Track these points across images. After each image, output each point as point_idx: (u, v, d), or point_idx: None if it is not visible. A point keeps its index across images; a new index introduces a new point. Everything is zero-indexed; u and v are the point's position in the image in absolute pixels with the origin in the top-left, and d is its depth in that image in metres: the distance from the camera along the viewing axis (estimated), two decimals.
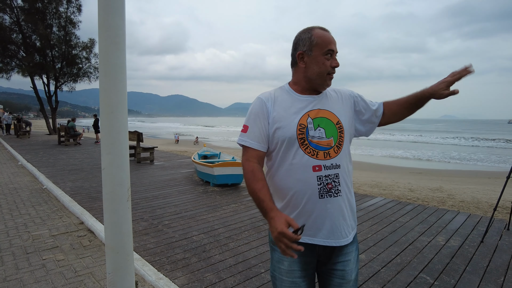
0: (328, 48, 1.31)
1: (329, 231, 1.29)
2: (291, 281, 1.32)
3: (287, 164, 1.30)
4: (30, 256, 3.22)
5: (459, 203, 6.14)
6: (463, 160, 20.58)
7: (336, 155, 1.30)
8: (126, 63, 2.08)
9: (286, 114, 1.32)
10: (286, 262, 1.33)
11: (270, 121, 1.33)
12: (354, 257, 1.38)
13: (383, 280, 2.75)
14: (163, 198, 5.42)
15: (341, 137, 1.33)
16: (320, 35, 1.32)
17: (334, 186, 1.28)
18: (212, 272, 2.84)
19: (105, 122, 2.01)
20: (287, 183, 1.31)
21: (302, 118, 1.31)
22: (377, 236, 3.78)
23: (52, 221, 4.31)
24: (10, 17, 19.41)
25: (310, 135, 1.30)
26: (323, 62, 1.31)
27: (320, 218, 1.29)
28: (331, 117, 1.34)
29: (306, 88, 1.38)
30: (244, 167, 1.33)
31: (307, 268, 1.35)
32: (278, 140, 1.31)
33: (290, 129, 1.30)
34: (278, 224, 1.11)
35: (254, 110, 1.36)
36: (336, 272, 1.35)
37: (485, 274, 2.88)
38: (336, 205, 1.29)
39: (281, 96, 1.38)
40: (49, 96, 22.12)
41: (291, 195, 1.30)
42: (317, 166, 1.27)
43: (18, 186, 6.46)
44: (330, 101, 1.39)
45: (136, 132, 9.78)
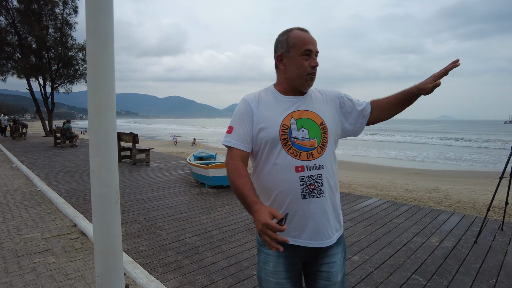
0: (305, 48, 1.31)
1: (312, 232, 1.29)
2: (276, 281, 1.32)
3: (271, 164, 1.31)
4: (20, 260, 3.19)
5: (456, 204, 6.15)
6: (460, 160, 20.66)
7: (319, 156, 1.30)
8: (114, 64, 2.07)
9: (269, 115, 1.33)
10: (271, 263, 1.33)
11: (254, 122, 1.34)
12: (340, 259, 1.38)
13: (375, 282, 2.74)
14: (157, 200, 5.39)
15: (325, 138, 1.33)
16: (297, 35, 1.33)
17: (317, 186, 1.28)
18: (204, 274, 2.82)
19: (93, 124, 1.99)
20: (271, 183, 1.32)
21: (286, 119, 1.32)
22: (371, 237, 3.77)
23: (45, 224, 4.27)
24: (6, 18, 19.34)
25: (293, 135, 1.30)
26: (301, 63, 1.31)
27: (304, 219, 1.29)
28: (315, 118, 1.34)
29: (289, 89, 1.39)
30: (227, 165, 1.33)
31: (292, 270, 1.35)
32: (262, 141, 1.32)
33: (273, 129, 1.30)
34: (262, 216, 1.09)
35: (238, 112, 1.38)
36: (321, 273, 1.35)
37: (477, 275, 2.88)
38: (319, 206, 1.29)
39: (265, 97, 1.39)
40: (45, 97, 22.02)
41: (275, 195, 1.31)
42: (299, 167, 1.27)
43: (11, 188, 6.41)
44: (315, 102, 1.39)
45: (132, 134, 9.75)
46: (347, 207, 5.07)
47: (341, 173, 11.51)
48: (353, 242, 3.62)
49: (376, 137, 42.73)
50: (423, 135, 51.52)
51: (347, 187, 7.59)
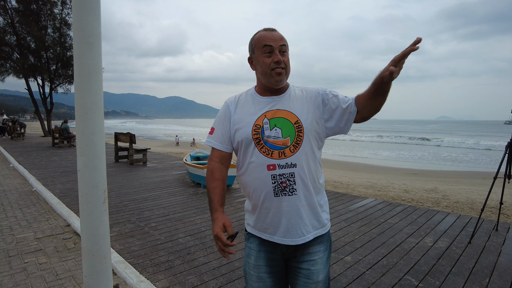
0: (264, 44, 1.34)
1: (285, 229, 1.33)
2: (257, 276, 1.38)
3: (247, 163, 1.37)
4: (12, 260, 3.17)
5: (454, 204, 6.14)
6: (458, 161, 20.65)
7: (292, 154, 1.31)
8: (101, 63, 2.05)
9: (244, 116, 1.39)
10: (253, 257, 1.40)
11: (231, 123, 1.42)
12: (322, 258, 1.38)
13: (367, 282, 2.73)
14: (152, 200, 5.38)
15: (299, 137, 1.33)
16: (258, 36, 1.37)
17: (289, 185, 1.31)
18: (195, 274, 2.81)
19: (80, 124, 1.98)
20: (248, 181, 1.38)
21: (259, 119, 1.36)
22: (364, 238, 3.76)
23: (38, 224, 4.26)
24: (4, 18, 19.32)
25: (265, 135, 1.34)
26: (263, 60, 1.34)
27: (277, 217, 1.33)
28: (289, 116, 1.35)
29: (264, 90, 1.43)
30: (207, 166, 1.46)
31: (273, 265, 1.39)
32: (238, 141, 1.39)
33: (246, 129, 1.36)
34: (216, 227, 1.29)
35: (219, 114, 1.48)
36: (301, 271, 1.36)
37: (470, 275, 2.87)
38: (291, 204, 1.32)
39: (245, 98, 1.45)
40: (44, 98, 22.00)
41: (251, 192, 1.37)
42: (271, 165, 1.31)
43: (7, 188, 6.40)
44: (292, 100, 1.39)
45: (129, 134, 9.74)
46: (342, 207, 5.06)
47: (339, 174, 11.50)
48: (346, 243, 3.60)
49: (375, 138, 42.75)
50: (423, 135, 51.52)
51: (345, 187, 7.59)
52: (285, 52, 1.35)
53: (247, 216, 1.48)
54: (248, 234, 1.46)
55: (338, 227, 4.13)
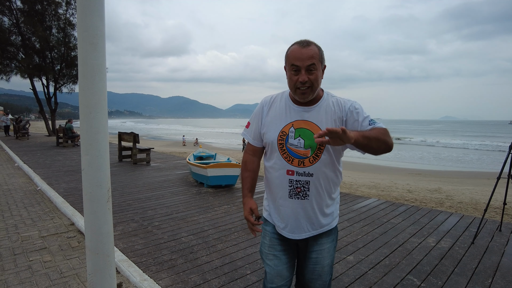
0: (292, 63, 1.38)
1: (293, 227, 1.50)
2: (272, 254, 1.55)
3: (272, 162, 1.52)
4: (17, 258, 3.21)
5: (457, 204, 6.12)
6: (462, 161, 20.53)
7: (310, 165, 1.43)
8: (105, 63, 2.08)
9: (274, 121, 1.49)
10: (268, 238, 1.59)
11: (262, 124, 1.55)
12: (329, 248, 1.57)
13: (369, 282, 2.73)
14: (156, 199, 5.41)
15: (320, 150, 1.42)
16: (292, 50, 1.40)
17: (303, 191, 1.44)
18: (198, 273, 2.83)
19: (84, 123, 2.01)
20: (270, 178, 1.54)
21: (286, 127, 1.46)
22: (367, 238, 3.76)
23: (43, 222, 4.30)
24: (10, 19, 19.47)
25: (289, 142, 1.45)
26: (290, 77, 1.41)
27: (287, 214, 1.50)
28: (315, 130, 1.42)
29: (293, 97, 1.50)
30: (243, 157, 1.67)
31: (286, 244, 1.56)
32: (265, 142, 1.54)
33: (273, 134, 1.48)
34: (245, 210, 1.58)
35: (255, 111, 1.61)
36: (311, 259, 1.56)
37: (473, 276, 2.86)
38: (302, 207, 1.47)
39: (279, 102, 1.53)
40: (48, 97, 22.16)
41: (272, 188, 1.54)
42: (290, 171, 1.44)
43: (12, 187, 6.46)
44: (321, 113, 1.44)
45: (133, 134, 9.79)
46: (345, 207, 5.06)
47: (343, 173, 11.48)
48: (348, 242, 3.60)
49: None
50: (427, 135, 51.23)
51: (348, 187, 7.58)
52: (314, 70, 1.36)
53: (265, 205, 1.65)
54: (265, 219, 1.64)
55: (340, 226, 4.13)
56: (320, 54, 1.39)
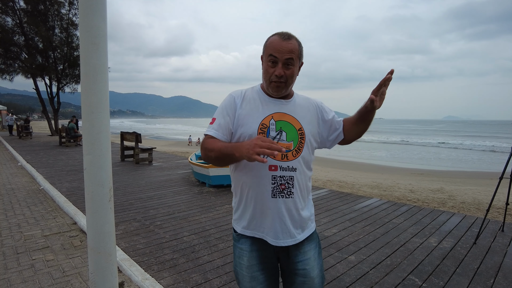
0: (270, 53, 1.30)
1: (277, 231, 1.34)
2: (250, 276, 1.38)
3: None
4: (20, 256, 3.23)
5: (460, 204, 6.10)
6: (464, 161, 20.44)
7: (294, 159, 1.34)
8: (107, 63, 2.09)
9: (251, 113, 1.37)
10: (245, 258, 1.39)
11: (236, 117, 1.38)
12: (314, 254, 1.42)
13: (370, 282, 2.73)
14: (158, 199, 5.42)
15: (301, 143, 1.36)
16: (272, 40, 1.32)
17: (287, 187, 1.32)
18: (199, 272, 2.84)
19: (86, 123, 2.02)
20: (245, 178, 1.36)
21: (266, 119, 1.35)
22: (368, 238, 3.75)
23: (45, 222, 4.32)
24: (13, 19, 19.57)
25: (270, 135, 1.34)
26: (266, 68, 1.33)
27: (270, 217, 1.33)
28: (294, 123, 1.38)
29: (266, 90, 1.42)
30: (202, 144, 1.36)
31: (266, 262, 1.40)
32: (241, 135, 1.35)
33: (252, 126, 1.34)
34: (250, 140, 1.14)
35: (223, 104, 1.41)
36: (298, 271, 1.39)
37: (474, 276, 2.86)
38: (286, 206, 1.34)
39: (251, 95, 1.42)
40: (51, 97, 22.26)
41: (247, 190, 1.36)
42: (273, 166, 1.32)
43: (15, 186, 6.50)
44: (297, 108, 1.41)
45: (135, 133, 9.81)
46: (346, 207, 5.06)
47: (344, 173, 11.47)
48: (350, 242, 3.60)
49: (381, 138, 42.48)
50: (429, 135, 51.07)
51: (350, 187, 7.57)
52: (291, 65, 1.30)
53: (236, 217, 1.45)
54: (238, 236, 1.43)
55: (342, 226, 4.13)
56: (300, 50, 1.34)
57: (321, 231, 3.92)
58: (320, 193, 6.05)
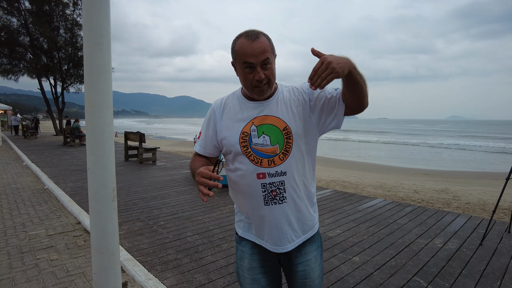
0: (244, 60, 1.21)
1: (276, 238, 1.31)
2: (252, 278, 1.37)
3: (236, 169, 1.32)
4: (24, 256, 3.24)
5: (465, 205, 6.05)
6: (469, 161, 20.28)
7: (281, 162, 1.27)
8: (111, 63, 2.08)
9: (231, 123, 1.33)
10: (247, 260, 1.39)
11: (218, 130, 1.36)
12: (316, 256, 1.40)
13: (375, 283, 2.71)
14: (161, 198, 5.43)
15: (288, 143, 1.28)
16: (240, 46, 1.22)
17: (279, 193, 1.28)
18: (203, 273, 2.83)
19: (89, 123, 2.02)
20: (238, 188, 1.34)
21: (246, 126, 1.30)
22: (373, 238, 3.73)
23: (50, 221, 4.34)
24: (18, 19, 19.72)
25: (253, 142, 1.28)
26: (244, 76, 1.24)
27: (267, 225, 1.31)
28: (278, 123, 1.29)
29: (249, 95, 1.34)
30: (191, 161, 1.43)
31: (267, 265, 1.39)
32: (226, 147, 1.34)
33: (234, 137, 1.30)
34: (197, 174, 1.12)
35: (206, 118, 1.43)
36: (298, 273, 1.38)
37: (481, 278, 2.82)
38: (282, 212, 1.30)
39: (231, 102, 1.38)
40: (56, 97, 22.41)
41: (242, 200, 1.36)
42: (261, 174, 1.27)
43: (20, 186, 6.54)
44: (280, 105, 1.32)
45: (139, 133, 9.84)
46: (351, 207, 5.03)
47: (348, 174, 11.42)
48: (354, 243, 3.58)
49: (385, 138, 42.31)
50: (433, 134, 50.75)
51: (354, 187, 7.53)
52: (269, 65, 1.22)
53: (237, 219, 1.45)
54: (240, 238, 1.43)
55: (346, 227, 4.10)
56: (271, 45, 1.25)
57: (325, 232, 3.90)
58: (324, 193, 6.03)
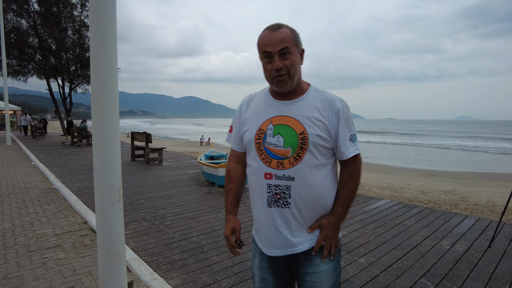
0: (262, 50, 1.22)
1: (274, 241, 1.30)
2: (260, 277, 1.39)
3: (249, 166, 1.37)
4: (32, 254, 3.28)
5: (473, 206, 5.98)
6: (478, 162, 20.03)
7: (291, 167, 1.23)
8: (117, 64, 2.10)
9: (252, 118, 1.36)
10: (257, 258, 1.41)
11: (241, 124, 1.41)
12: (328, 270, 1.30)
13: (381, 285, 2.69)
14: (167, 198, 5.45)
15: (302, 149, 1.23)
16: (261, 36, 1.23)
17: (283, 197, 1.25)
18: (208, 273, 2.83)
19: (95, 123, 2.03)
20: (250, 184, 1.38)
21: (264, 124, 1.30)
22: (379, 239, 3.70)
23: (57, 220, 4.39)
24: (27, 21, 19.99)
25: (267, 141, 1.27)
26: (264, 67, 1.24)
27: (266, 226, 1.31)
28: (296, 126, 1.25)
29: (276, 92, 1.32)
30: (226, 165, 1.52)
31: (275, 266, 1.38)
32: (244, 141, 1.38)
33: (251, 132, 1.33)
34: (226, 229, 1.42)
35: (236, 112, 1.47)
36: (306, 282, 1.31)
37: (489, 281, 2.78)
38: (282, 217, 1.27)
39: (258, 98, 1.40)
40: (63, 98, 22.67)
41: (252, 196, 1.38)
42: (268, 174, 1.27)
43: (29, 185, 6.62)
44: (304, 108, 1.27)
45: (145, 133, 9.90)
46: (357, 208, 4.99)
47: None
48: (360, 244, 3.55)
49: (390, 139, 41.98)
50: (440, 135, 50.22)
51: (360, 188, 7.43)
52: (288, 55, 1.20)
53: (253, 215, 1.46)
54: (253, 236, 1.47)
55: (352, 228, 4.08)
56: (294, 36, 1.22)
57: None
58: None
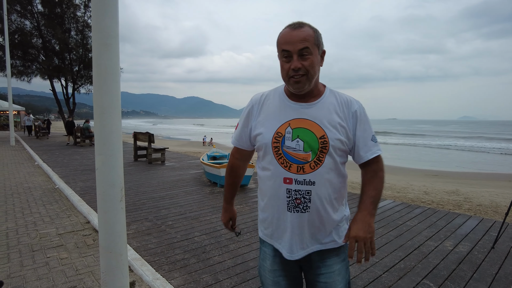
0: (282, 49, 1.19)
1: (292, 245, 1.28)
2: (273, 280, 1.36)
3: (266, 169, 1.31)
4: (35, 254, 3.30)
5: (476, 207, 5.94)
6: (481, 162, 19.91)
7: (311, 171, 1.21)
8: (119, 64, 2.10)
9: (268, 120, 1.30)
10: (268, 262, 1.38)
11: (253, 125, 1.35)
12: (340, 269, 1.32)
13: (383, 286, 2.68)
14: (170, 198, 5.46)
15: (322, 153, 1.21)
16: (282, 34, 1.21)
17: (303, 202, 1.23)
18: (210, 273, 2.83)
19: (98, 123, 2.04)
20: (264, 186, 1.33)
21: (282, 127, 1.25)
22: (381, 240, 3.68)
23: (60, 220, 4.41)
24: (31, 22, 20.09)
25: (285, 145, 1.23)
26: (282, 65, 1.21)
27: (287, 231, 1.28)
28: (316, 130, 1.22)
29: (292, 93, 1.29)
30: (229, 160, 1.53)
31: (287, 269, 1.36)
32: (258, 144, 1.32)
33: (267, 135, 1.27)
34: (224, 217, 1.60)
35: (244, 111, 1.42)
36: (319, 284, 1.31)
37: (493, 282, 2.76)
38: (301, 221, 1.26)
39: (272, 99, 1.33)
40: (67, 98, 22.77)
41: (266, 199, 1.33)
42: (288, 179, 1.23)
43: (32, 185, 6.65)
44: (323, 110, 1.25)
45: (148, 133, 9.93)
46: None
47: (357, 174, 11.32)
48: None
49: (392, 140, 41.84)
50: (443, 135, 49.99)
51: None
52: (308, 55, 1.17)
53: (261, 218, 1.41)
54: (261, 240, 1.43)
55: None
56: (316, 36, 1.19)
57: None
58: None
